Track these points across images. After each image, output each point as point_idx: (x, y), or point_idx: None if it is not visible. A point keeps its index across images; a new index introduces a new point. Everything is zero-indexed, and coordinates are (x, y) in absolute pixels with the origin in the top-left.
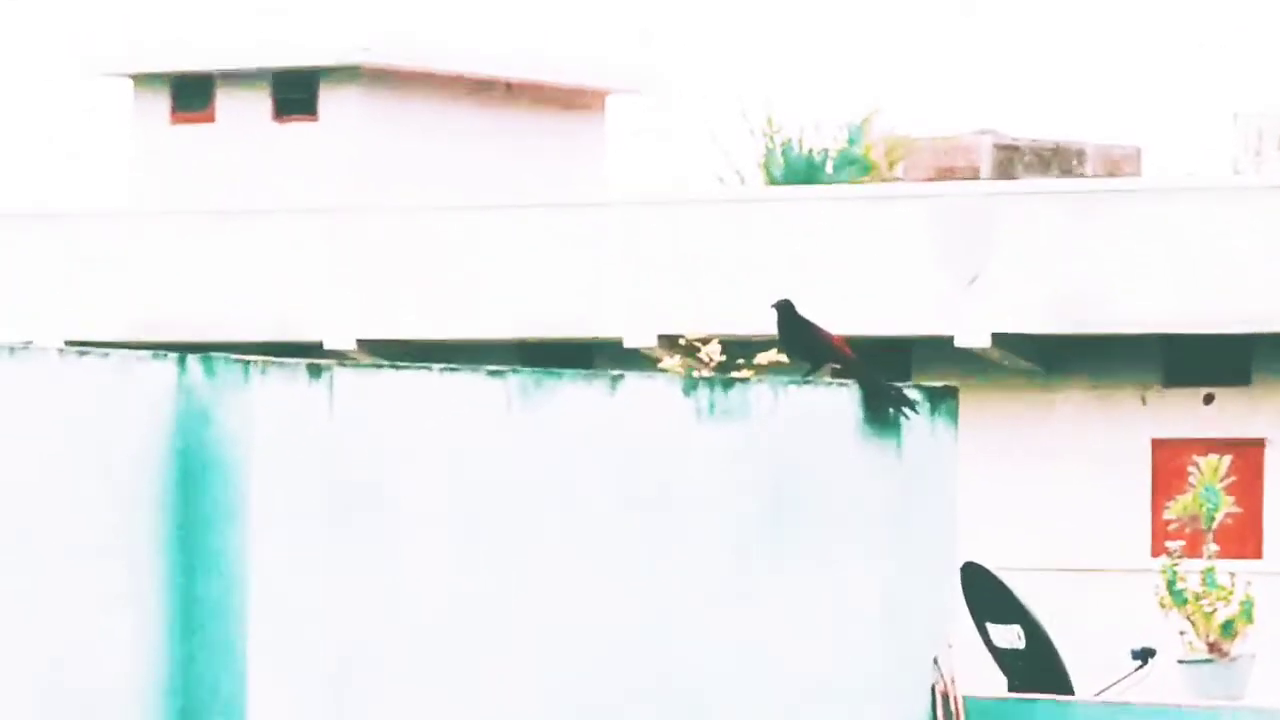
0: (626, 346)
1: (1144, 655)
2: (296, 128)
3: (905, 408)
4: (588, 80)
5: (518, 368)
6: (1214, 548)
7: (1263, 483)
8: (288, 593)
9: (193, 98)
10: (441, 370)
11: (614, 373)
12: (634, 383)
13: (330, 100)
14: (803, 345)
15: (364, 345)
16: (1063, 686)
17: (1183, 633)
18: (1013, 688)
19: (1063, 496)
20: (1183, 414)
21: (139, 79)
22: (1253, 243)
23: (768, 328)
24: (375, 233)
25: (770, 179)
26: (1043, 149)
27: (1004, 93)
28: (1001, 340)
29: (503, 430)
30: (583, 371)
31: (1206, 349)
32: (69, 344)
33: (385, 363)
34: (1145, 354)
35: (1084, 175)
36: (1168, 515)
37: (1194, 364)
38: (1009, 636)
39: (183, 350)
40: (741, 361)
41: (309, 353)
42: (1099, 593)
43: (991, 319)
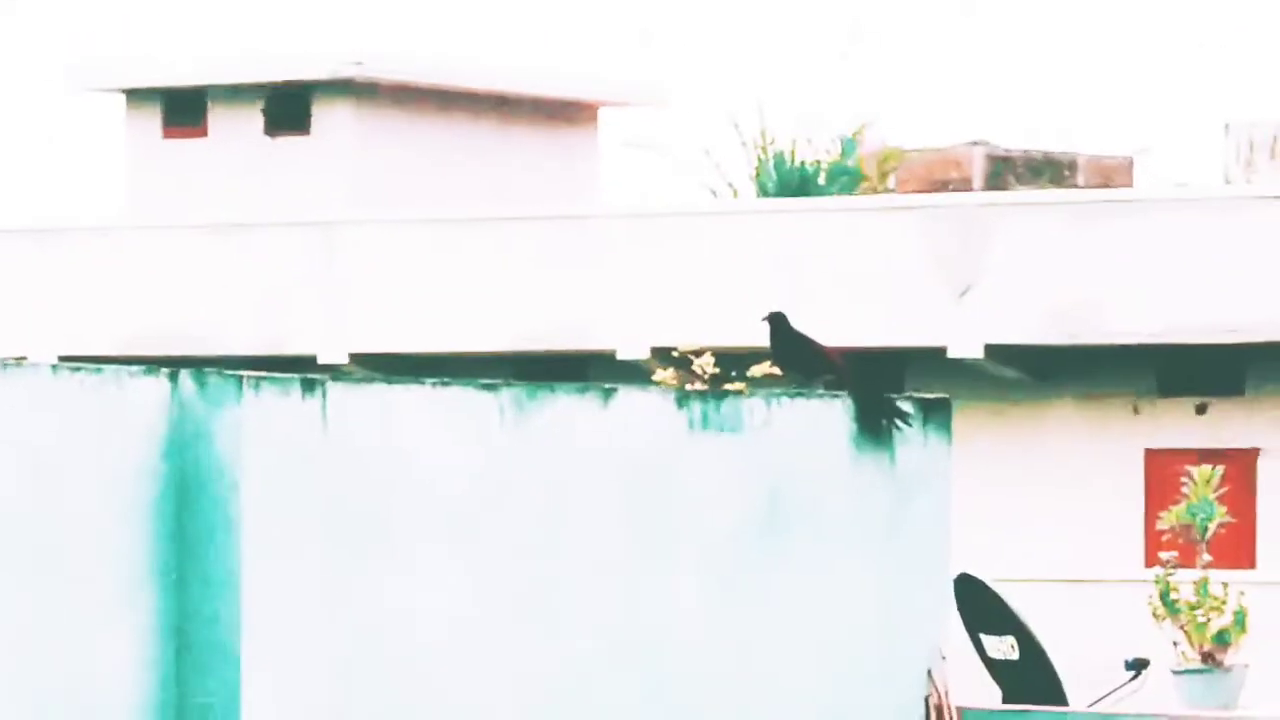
0: (620, 359)
1: (1138, 666)
2: (289, 142)
3: (898, 419)
4: (580, 93)
5: (510, 381)
6: (1207, 558)
7: (1256, 493)
8: (282, 607)
9: (185, 113)
10: (434, 384)
11: (607, 386)
12: (627, 396)
13: (322, 115)
14: (795, 357)
15: (357, 360)
16: (1056, 697)
17: (1176, 643)
18: (1007, 699)
19: (1056, 507)
20: (1176, 424)
21: (131, 94)
22: (1245, 253)
23: (761, 340)
24: (368, 247)
25: (762, 191)
26: (1034, 160)
27: (996, 104)
28: (994, 351)
29: (496, 444)
30: (575, 385)
31: (1199, 359)
32: (62, 359)
33: (378, 377)
34: (1138, 364)
35: (1076, 186)
36: (1161, 525)
37: (1187, 374)
38: (1003, 647)
39: (176, 365)
40: (735, 374)
41: (302, 367)
42: (1092, 603)
43: (984, 330)
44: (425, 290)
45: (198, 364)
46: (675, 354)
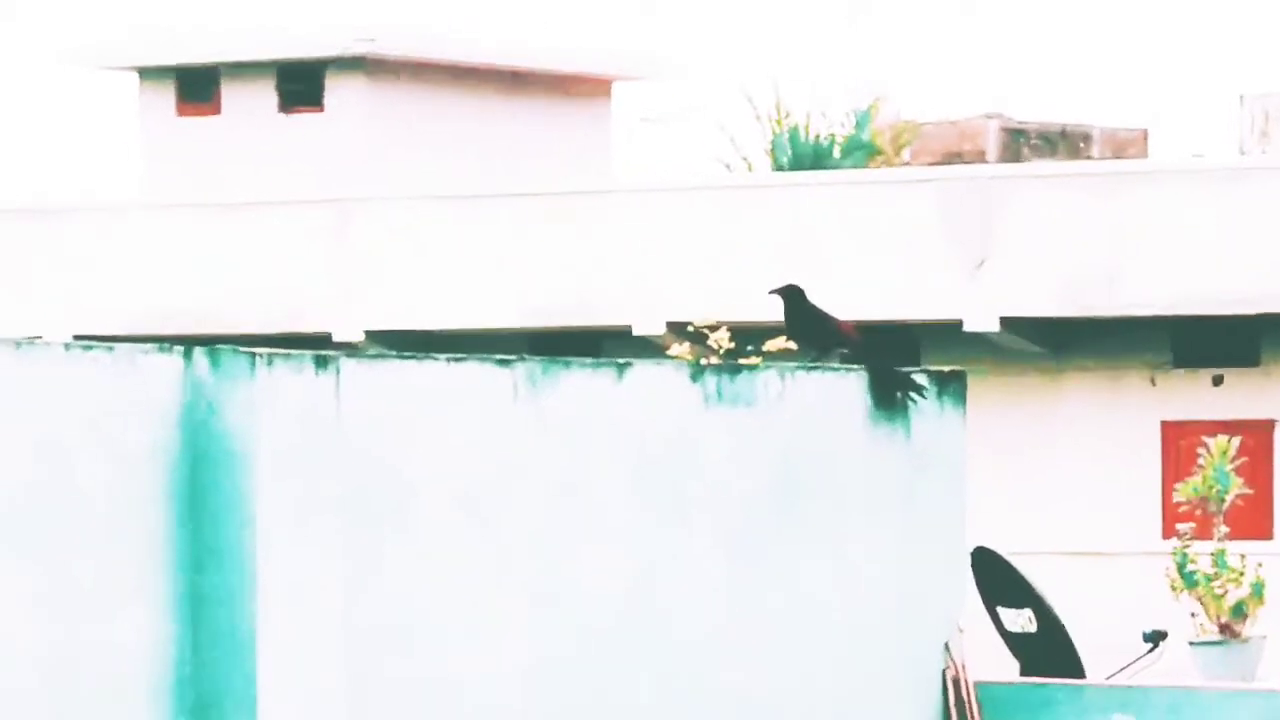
0: (635, 334)
1: (1155, 638)
2: (302, 119)
3: (913, 392)
4: (593, 67)
5: (525, 356)
6: (1224, 529)
7: (1272, 464)
8: (297, 584)
9: (198, 90)
10: (448, 360)
11: (621, 360)
12: (641, 370)
13: (335, 91)
14: (810, 331)
15: (372, 336)
16: (1074, 670)
17: (1194, 615)
18: (1024, 671)
19: (1072, 480)
20: (1192, 396)
21: (144, 72)
22: (1260, 224)
23: (776, 314)
24: (382, 223)
25: (777, 165)
26: (1049, 132)
27: (1010, 77)
28: (1010, 324)
29: (510, 419)
30: (589, 359)
31: (1215, 331)
32: (77, 338)
33: (392, 353)
34: (1154, 336)
35: (1090, 158)
36: (1178, 497)
37: (1202, 346)
38: (1020, 620)
39: (191, 343)
40: (750, 348)
41: (317, 344)
42: (1110, 576)
43: (999, 303)
44: (439, 266)
45: (212, 342)
46: (690, 329)
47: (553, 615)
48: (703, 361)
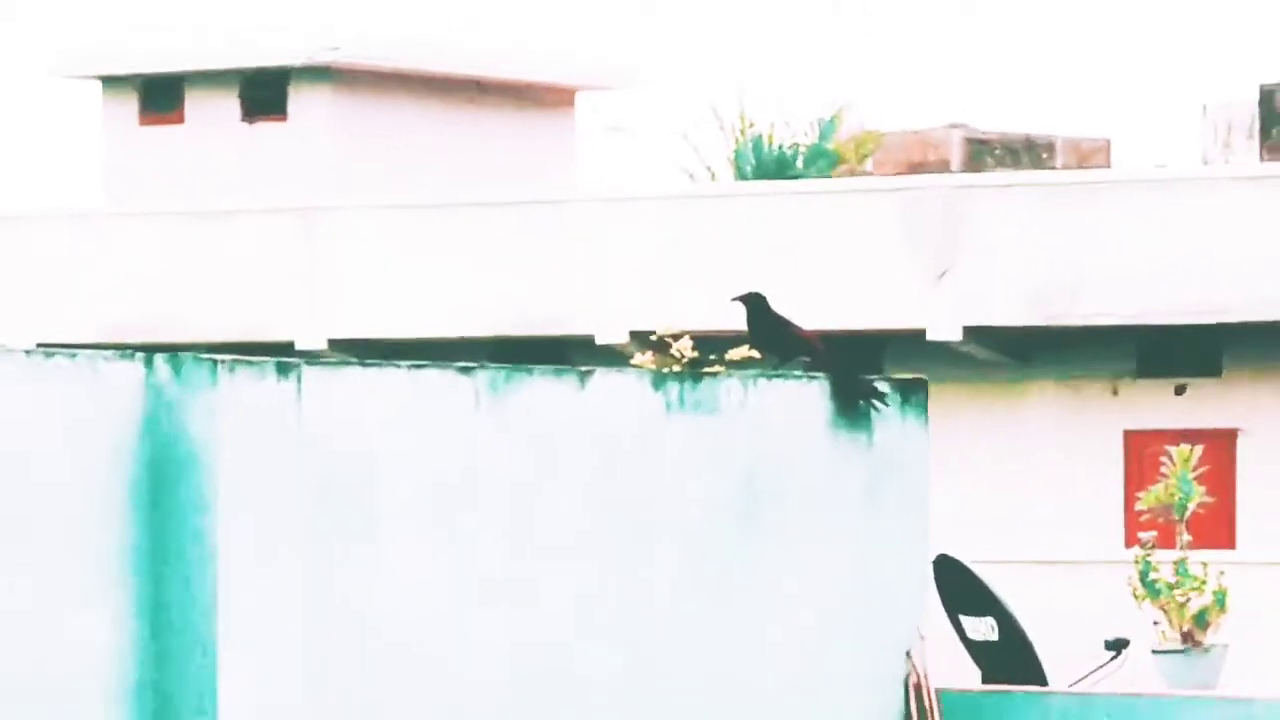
0: (599, 343)
1: (1118, 646)
2: (266, 128)
3: (876, 400)
4: (557, 77)
5: (486, 364)
6: (1187, 538)
7: (1235, 472)
8: (258, 589)
9: (161, 99)
10: (410, 367)
11: (583, 368)
12: (604, 378)
13: (299, 100)
14: (773, 339)
15: (336, 345)
16: (1036, 678)
17: (1156, 623)
18: (986, 680)
19: (1035, 488)
20: (1154, 405)
21: (108, 81)
22: (1223, 234)
23: (739, 323)
24: (346, 232)
25: (741, 174)
26: (1012, 142)
27: (973, 87)
28: (973, 333)
29: (472, 426)
30: (552, 367)
31: (1178, 340)
32: (39, 346)
33: (354, 361)
34: (1116, 345)
35: (1054, 168)
36: (1140, 506)
37: (1165, 355)
38: (982, 628)
39: (154, 351)
40: (714, 357)
41: (280, 353)
42: (1072, 584)
43: (963, 312)
44: (403, 275)
45: (175, 350)
46: (653, 338)
47: (516, 621)
48: (666, 370)
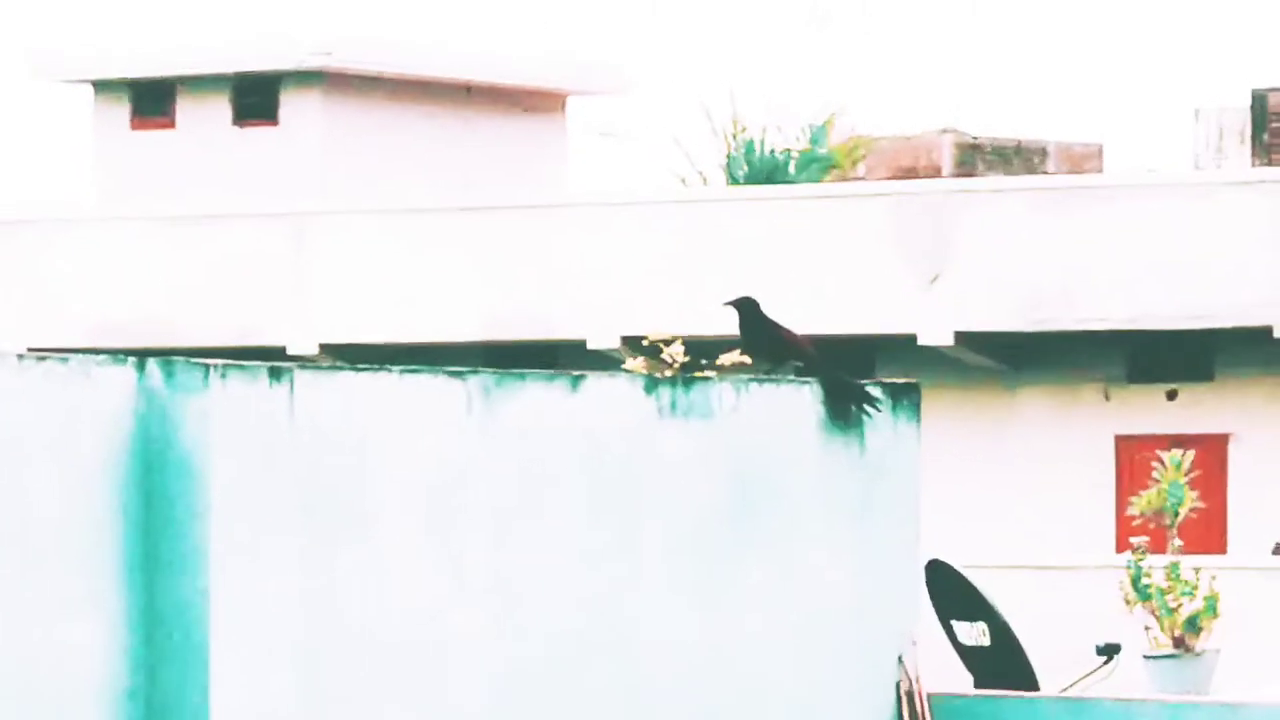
0: (590, 348)
1: (1109, 651)
2: (257, 133)
3: (867, 405)
4: (548, 82)
5: (479, 369)
6: (1178, 543)
7: (1226, 477)
8: (250, 595)
9: (153, 104)
10: (401, 371)
11: (575, 372)
12: (596, 382)
13: (291, 105)
14: (764, 343)
15: (327, 350)
16: (1028, 683)
17: (1148, 628)
18: (978, 685)
19: (1027, 493)
20: (1146, 410)
21: (99, 85)
22: (1215, 238)
23: (731, 328)
24: (337, 237)
25: (732, 179)
26: (1004, 147)
27: (964, 91)
28: (964, 338)
29: (464, 430)
30: (544, 372)
31: (1169, 345)
32: (30, 351)
33: (346, 365)
34: (1108, 350)
35: (1045, 173)
36: (1132, 511)
37: (1157, 360)
38: (974, 633)
39: (145, 356)
40: (705, 362)
41: (272, 358)
42: (1064, 589)
43: (954, 317)
44: (394, 280)
45: (166, 355)
46: (645, 343)
47: (509, 625)
48: (657, 375)
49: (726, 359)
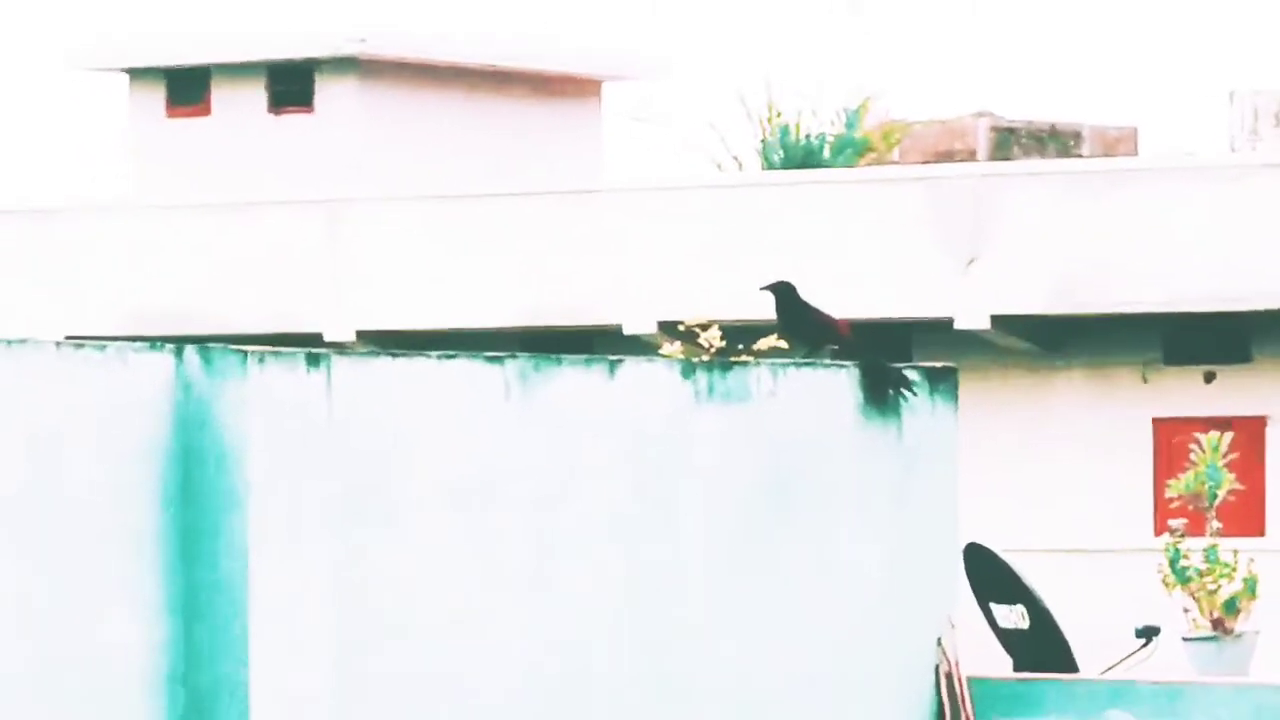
0: (626, 334)
1: (1148, 633)
2: (292, 120)
3: (905, 389)
4: (583, 68)
5: (516, 354)
6: (1216, 525)
7: (1264, 460)
8: (289, 581)
9: (188, 91)
10: (439, 357)
11: (612, 357)
12: (633, 367)
13: (326, 92)
14: (801, 327)
15: (364, 337)
16: (1067, 666)
17: (1187, 610)
18: (1017, 668)
19: (1065, 476)
20: (1183, 392)
21: (134, 73)
22: (1250, 221)
23: (768, 313)
24: (373, 224)
25: (768, 164)
26: (1039, 131)
27: (1000, 75)
28: (1001, 321)
29: (502, 416)
30: (581, 356)
31: (1206, 327)
32: (68, 339)
33: (383, 352)
34: (1145, 333)
35: (1080, 156)
36: (1170, 493)
37: (1194, 342)
38: (1013, 617)
39: (183, 343)
40: (741, 347)
41: (309, 345)
42: (1102, 572)
43: (990, 300)
44: (430, 267)
45: (204, 342)
46: (681, 328)
47: (545, 612)
48: (694, 360)
49: (763, 343)
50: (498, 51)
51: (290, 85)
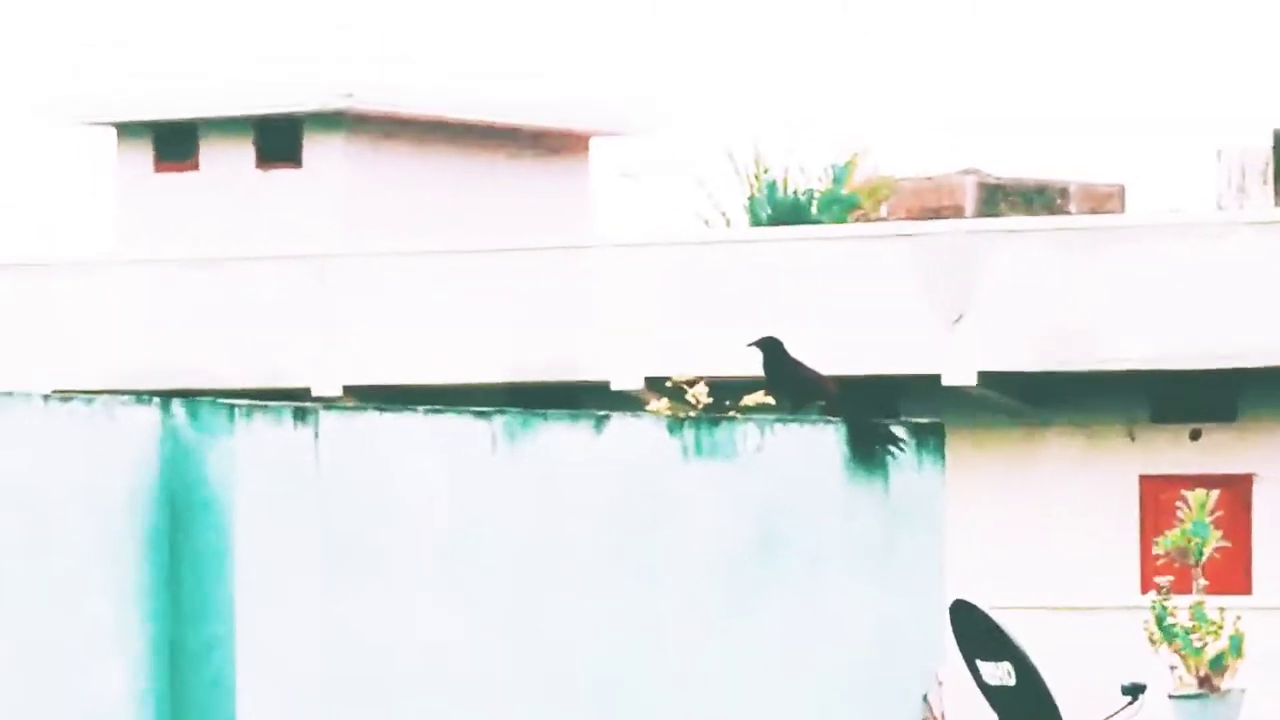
0: (613, 389)
1: (1135, 691)
2: (280, 175)
3: (892, 445)
4: (572, 123)
5: (503, 409)
6: (1203, 583)
7: (1251, 517)
8: (275, 636)
9: (176, 146)
10: (426, 412)
11: (600, 413)
12: (620, 423)
13: (314, 147)
14: (788, 383)
15: (351, 392)
16: None
17: (1173, 668)
18: None
19: (1051, 533)
20: (1170, 450)
21: (122, 128)
22: (1237, 279)
23: (755, 369)
24: (361, 279)
25: (756, 220)
26: (1026, 188)
27: (987, 132)
28: (988, 378)
29: (489, 470)
30: (568, 412)
31: (1193, 385)
32: (55, 392)
33: (370, 406)
34: (1132, 391)
35: (1068, 213)
36: (1156, 551)
37: (1181, 400)
38: (999, 673)
39: (170, 397)
40: (729, 403)
41: (296, 400)
42: (1089, 629)
43: (978, 357)
44: (418, 322)
45: (191, 396)
46: (669, 384)
47: (531, 667)
48: (681, 415)
49: (750, 399)
50: (485, 107)
51: (278, 140)
